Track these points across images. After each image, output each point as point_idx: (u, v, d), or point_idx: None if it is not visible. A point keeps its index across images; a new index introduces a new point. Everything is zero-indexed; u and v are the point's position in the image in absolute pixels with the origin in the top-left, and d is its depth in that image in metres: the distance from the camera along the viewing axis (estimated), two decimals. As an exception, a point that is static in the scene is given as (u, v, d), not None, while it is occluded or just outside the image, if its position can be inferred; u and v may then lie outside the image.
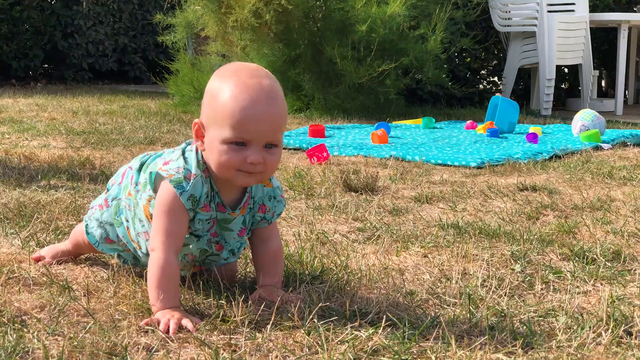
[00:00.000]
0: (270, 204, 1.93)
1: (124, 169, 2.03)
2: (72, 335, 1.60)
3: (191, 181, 1.80)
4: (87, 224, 2.06)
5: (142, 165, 1.97)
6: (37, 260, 2.17)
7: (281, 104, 1.76)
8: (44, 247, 2.28)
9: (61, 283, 1.95)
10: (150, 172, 1.86)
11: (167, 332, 1.65)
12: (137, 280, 1.98)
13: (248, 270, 2.14)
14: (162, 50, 10.65)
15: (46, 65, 11.43)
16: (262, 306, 1.81)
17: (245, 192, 1.89)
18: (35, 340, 1.58)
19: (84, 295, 1.88)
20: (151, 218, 1.85)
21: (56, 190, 3.17)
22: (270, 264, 1.94)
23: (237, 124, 1.71)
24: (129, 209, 1.95)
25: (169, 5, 9.46)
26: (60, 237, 2.42)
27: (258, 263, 1.96)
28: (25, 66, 10.68)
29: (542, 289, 2.02)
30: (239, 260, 2.16)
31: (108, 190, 2.05)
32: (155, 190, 1.84)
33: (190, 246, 1.90)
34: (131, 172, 1.98)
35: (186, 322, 1.68)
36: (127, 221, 1.96)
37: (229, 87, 1.74)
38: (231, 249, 1.95)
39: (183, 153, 1.86)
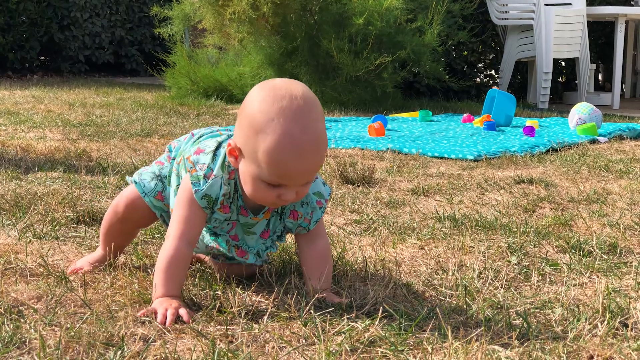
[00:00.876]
0: (302, 210, 1.89)
1: (186, 135, 2.00)
2: (69, 325, 1.60)
3: (209, 181, 1.78)
4: (135, 179, 1.97)
5: (200, 136, 1.94)
6: (75, 272, 2.02)
7: (323, 149, 1.70)
8: (41, 239, 2.29)
9: (58, 274, 1.95)
10: (183, 157, 1.86)
11: (164, 322, 1.64)
12: (134, 272, 1.99)
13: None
14: (159, 43, 10.64)
15: (42, 57, 11.42)
16: (259, 297, 1.82)
17: None
18: (32, 331, 1.58)
19: (81, 286, 1.88)
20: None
21: (53, 182, 3.17)
22: (316, 265, 1.88)
23: (278, 173, 1.67)
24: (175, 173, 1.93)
25: (165, -3, 9.44)
26: (57, 228, 2.42)
27: (305, 264, 1.90)
28: (21, 58, 10.66)
29: (538, 281, 2.03)
30: None
31: (170, 151, 2.00)
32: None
33: (211, 240, 1.92)
34: (190, 138, 1.97)
35: (183, 312, 1.67)
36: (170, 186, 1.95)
37: (275, 131, 1.63)
38: (256, 252, 1.93)
39: (217, 147, 1.83)
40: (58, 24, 10.95)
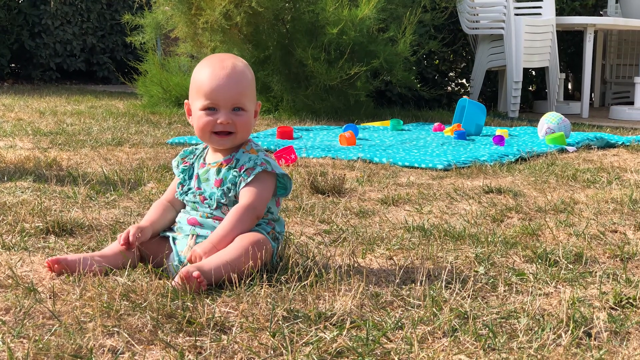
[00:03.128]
0: (248, 164, 2.21)
1: None
2: (37, 337, 1.61)
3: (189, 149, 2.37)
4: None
5: None
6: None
7: (241, 75, 2.19)
8: (10, 249, 2.29)
9: (26, 285, 1.95)
10: None
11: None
12: (103, 282, 1.99)
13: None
14: (131, 51, 10.62)
15: (13, 65, 11.35)
16: (228, 308, 1.83)
17: (229, 155, 2.25)
18: (0, 343, 1.58)
19: (50, 298, 1.88)
20: None
21: (22, 192, 3.16)
22: (226, 220, 2.16)
23: (207, 93, 2.17)
24: None
25: (137, 5, 9.42)
26: (26, 239, 2.41)
27: None
28: (-9, 65, 10.60)
29: (505, 290, 2.05)
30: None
31: None
32: None
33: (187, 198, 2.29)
34: None
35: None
36: None
37: (202, 67, 2.22)
38: (210, 197, 2.22)
39: None
40: (29, 31, 10.89)
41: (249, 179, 2.19)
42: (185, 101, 2.28)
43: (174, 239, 2.22)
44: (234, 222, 2.13)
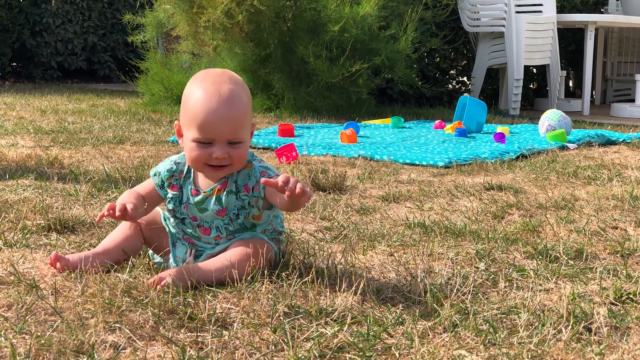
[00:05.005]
0: (250, 182, 2.10)
1: None
2: (39, 333, 1.61)
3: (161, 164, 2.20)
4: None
5: None
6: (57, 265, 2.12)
7: (239, 105, 2.01)
8: (12, 247, 2.30)
9: (28, 282, 1.95)
10: None
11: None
12: (105, 279, 1.99)
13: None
14: (132, 49, 10.63)
15: (14, 64, 11.36)
16: (229, 304, 1.83)
17: (222, 179, 2.11)
18: (3, 339, 1.59)
19: (52, 294, 1.89)
20: None
21: (24, 190, 3.16)
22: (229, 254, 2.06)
23: (201, 126, 2.00)
24: None
25: (139, 4, 9.43)
26: (28, 236, 2.42)
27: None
28: (-7, 64, 10.61)
29: (505, 286, 2.06)
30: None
31: None
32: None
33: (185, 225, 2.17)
34: None
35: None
36: None
37: (195, 93, 2.02)
38: (216, 227, 2.11)
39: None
40: (30, 30, 10.90)
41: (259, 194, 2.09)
42: (176, 122, 2.11)
43: (173, 241, 2.20)
44: (235, 260, 2.02)
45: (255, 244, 2.08)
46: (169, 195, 2.15)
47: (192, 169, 2.13)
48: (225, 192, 2.10)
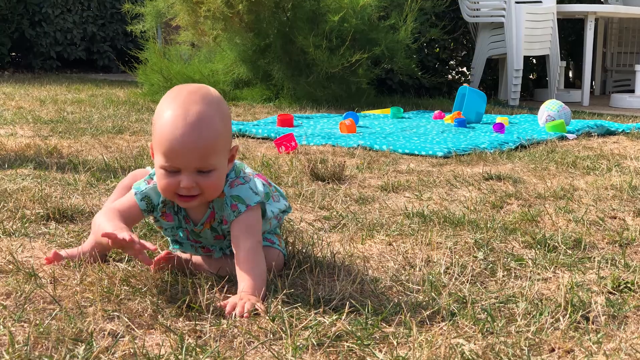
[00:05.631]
0: (225, 214, 1.94)
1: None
2: (38, 321, 1.62)
3: (149, 185, 1.95)
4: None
5: None
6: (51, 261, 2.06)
7: (208, 131, 1.80)
8: (10, 235, 2.30)
9: (27, 270, 1.95)
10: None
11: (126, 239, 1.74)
12: (104, 268, 2.00)
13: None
14: (131, 39, 10.62)
15: (13, 54, 11.35)
16: (228, 293, 1.84)
17: (208, 209, 1.96)
18: (1, 327, 1.59)
19: (50, 283, 1.89)
20: None
21: (23, 179, 3.17)
22: (242, 269, 1.85)
23: (166, 153, 1.81)
24: None
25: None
26: (27, 225, 2.42)
27: (236, 271, 1.87)
28: (-8, 54, 10.59)
29: (503, 276, 2.06)
30: None
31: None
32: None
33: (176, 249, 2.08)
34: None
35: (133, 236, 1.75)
36: None
37: (163, 114, 1.82)
38: (220, 248, 2.03)
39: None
40: (29, 20, 10.88)
41: (227, 226, 1.95)
42: (150, 143, 1.91)
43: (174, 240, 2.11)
44: (255, 269, 1.86)
45: (270, 260, 1.99)
46: (164, 225, 2.01)
47: None
48: (216, 223, 1.97)
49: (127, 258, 2.08)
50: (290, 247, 2.21)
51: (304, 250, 2.20)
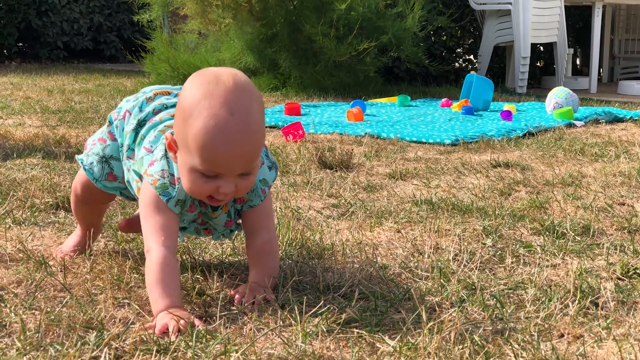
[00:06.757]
0: (248, 196, 1.79)
1: (124, 110, 1.88)
2: (49, 309, 1.62)
3: (177, 186, 1.70)
4: (82, 160, 1.92)
5: (140, 123, 1.83)
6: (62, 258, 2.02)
7: (255, 134, 1.60)
8: (20, 224, 2.31)
9: (38, 259, 1.96)
10: (134, 171, 1.79)
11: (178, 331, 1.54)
12: (114, 256, 2.00)
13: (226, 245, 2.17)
14: (138, 29, 10.60)
15: (20, 44, 11.35)
16: (237, 280, 1.84)
17: None
18: (13, 315, 1.60)
19: (60, 271, 1.90)
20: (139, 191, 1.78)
21: (32, 168, 3.18)
22: (256, 259, 1.79)
23: (207, 159, 1.58)
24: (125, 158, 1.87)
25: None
26: (36, 214, 2.43)
27: (248, 256, 1.82)
28: (-1, 45, 10.61)
29: (512, 262, 2.06)
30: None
31: (110, 123, 1.90)
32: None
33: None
34: (129, 123, 1.85)
35: (197, 321, 1.57)
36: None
37: (200, 114, 1.56)
38: (222, 233, 1.88)
39: (166, 152, 1.73)
40: (36, 10, 10.89)
41: (247, 208, 1.82)
42: (168, 134, 1.68)
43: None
44: (269, 261, 1.80)
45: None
46: (183, 216, 1.78)
47: None
48: (230, 204, 1.81)
49: (137, 245, 2.08)
50: (299, 235, 2.21)
51: (312, 238, 2.20)
